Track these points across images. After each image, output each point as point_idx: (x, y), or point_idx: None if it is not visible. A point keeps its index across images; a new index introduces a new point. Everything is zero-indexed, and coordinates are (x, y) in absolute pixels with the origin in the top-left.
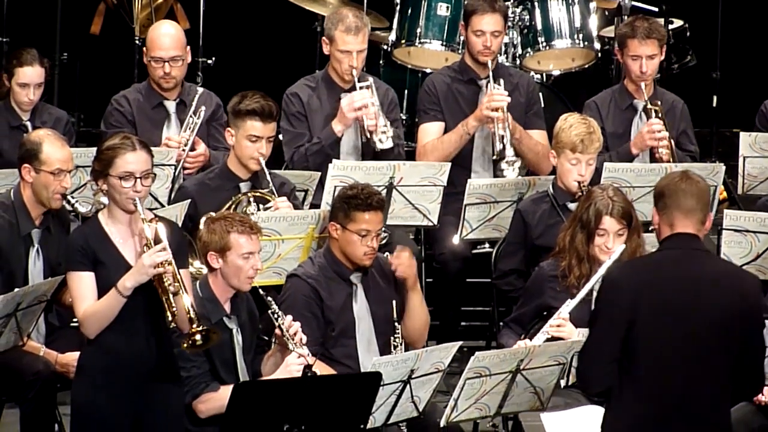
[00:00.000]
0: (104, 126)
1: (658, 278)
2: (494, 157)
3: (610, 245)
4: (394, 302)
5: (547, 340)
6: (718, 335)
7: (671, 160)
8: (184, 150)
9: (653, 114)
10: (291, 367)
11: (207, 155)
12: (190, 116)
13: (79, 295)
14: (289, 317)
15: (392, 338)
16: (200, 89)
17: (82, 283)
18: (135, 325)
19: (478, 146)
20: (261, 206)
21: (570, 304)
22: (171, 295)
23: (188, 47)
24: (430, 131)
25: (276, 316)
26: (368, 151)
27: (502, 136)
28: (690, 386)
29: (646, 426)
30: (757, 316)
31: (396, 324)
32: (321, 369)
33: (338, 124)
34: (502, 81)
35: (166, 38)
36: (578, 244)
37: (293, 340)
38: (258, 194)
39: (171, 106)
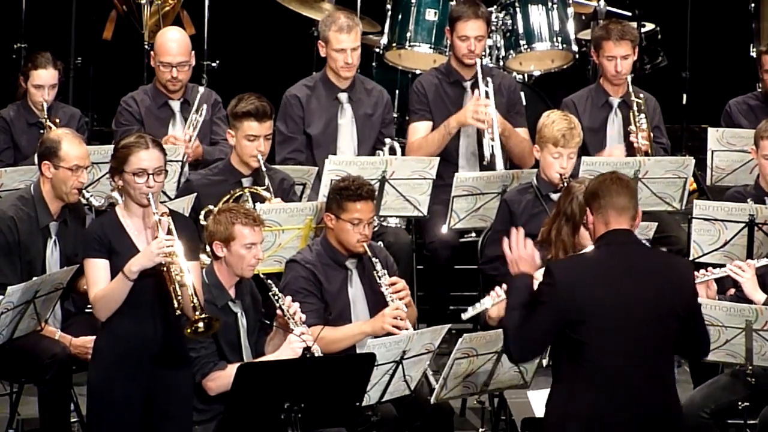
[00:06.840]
0: (115, 125)
1: (598, 275)
2: (485, 164)
3: None
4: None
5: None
6: (659, 322)
7: (649, 151)
8: (188, 146)
9: (635, 106)
10: (294, 344)
11: (200, 151)
12: (193, 114)
13: (93, 281)
14: (289, 298)
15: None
16: (201, 89)
17: (97, 269)
18: (144, 312)
19: (463, 144)
20: (257, 204)
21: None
22: (177, 285)
23: (193, 51)
24: (418, 129)
25: (276, 297)
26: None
27: (492, 146)
28: (637, 374)
29: (602, 414)
30: (693, 295)
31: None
32: (329, 333)
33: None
34: (490, 80)
35: (174, 45)
36: (564, 237)
37: (293, 318)
38: (254, 190)
39: (176, 105)
